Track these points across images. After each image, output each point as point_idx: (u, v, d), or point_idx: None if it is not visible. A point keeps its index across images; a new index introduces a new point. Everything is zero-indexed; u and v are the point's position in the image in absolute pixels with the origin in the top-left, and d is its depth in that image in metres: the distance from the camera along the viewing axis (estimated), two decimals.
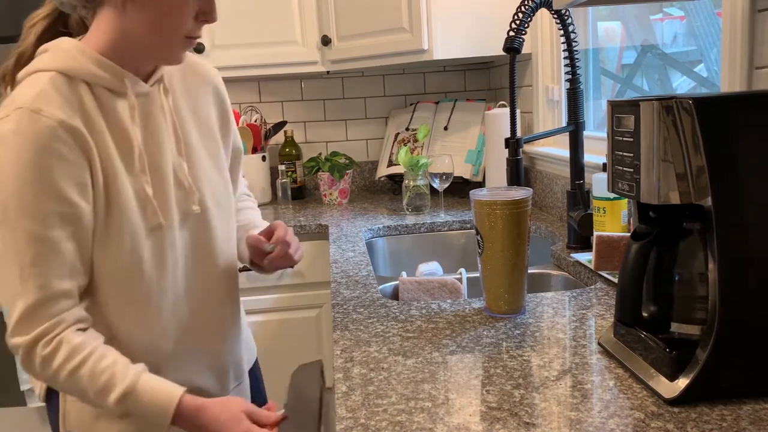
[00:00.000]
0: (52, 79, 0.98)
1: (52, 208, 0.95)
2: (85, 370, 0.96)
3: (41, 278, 0.95)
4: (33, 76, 0.99)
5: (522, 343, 1.04)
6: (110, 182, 1.00)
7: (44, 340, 0.96)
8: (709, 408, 0.80)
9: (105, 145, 1.00)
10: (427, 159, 2.26)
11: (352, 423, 0.82)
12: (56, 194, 0.95)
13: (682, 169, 0.82)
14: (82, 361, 0.96)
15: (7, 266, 0.96)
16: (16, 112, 0.95)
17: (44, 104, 0.95)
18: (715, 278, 0.81)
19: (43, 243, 0.95)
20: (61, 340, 0.96)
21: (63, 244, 0.96)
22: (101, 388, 0.96)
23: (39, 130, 0.94)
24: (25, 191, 0.94)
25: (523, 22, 1.47)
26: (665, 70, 1.82)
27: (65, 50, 1.01)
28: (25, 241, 0.94)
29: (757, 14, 1.12)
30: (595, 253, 1.37)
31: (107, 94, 1.02)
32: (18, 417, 2.17)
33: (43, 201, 0.95)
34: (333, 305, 1.30)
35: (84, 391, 0.97)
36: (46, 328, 0.96)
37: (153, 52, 1.05)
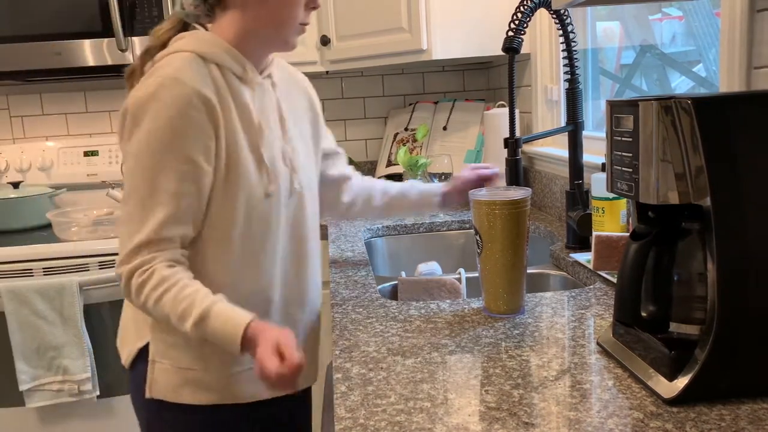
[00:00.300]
0: (189, 58, 1.13)
1: (178, 166, 1.09)
2: (169, 297, 1.08)
3: (157, 223, 1.09)
4: (172, 55, 1.14)
5: (521, 343, 1.04)
6: (231, 151, 1.14)
7: (140, 269, 1.10)
8: (708, 408, 0.80)
9: (231, 118, 1.14)
10: (426, 159, 2.26)
11: (351, 423, 0.82)
12: (184, 155, 1.09)
13: (681, 169, 0.82)
14: (167, 289, 1.08)
15: (133, 207, 1.10)
16: (156, 80, 1.09)
17: (183, 75, 1.09)
18: (714, 278, 0.81)
19: (165, 194, 1.09)
20: (153, 271, 1.09)
21: (182, 198, 1.10)
22: (181, 314, 1.08)
23: (176, 96, 1.08)
24: (157, 148, 1.08)
25: (522, 22, 1.47)
26: (664, 70, 1.82)
27: (200, 37, 1.17)
28: (151, 190, 1.09)
29: (755, 14, 1.12)
30: (594, 253, 1.37)
31: (233, 78, 1.17)
32: (17, 417, 2.17)
33: (171, 159, 1.09)
34: (332, 305, 1.30)
35: (167, 317, 1.09)
36: (144, 260, 1.10)
37: (272, 42, 1.20)
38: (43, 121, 2.82)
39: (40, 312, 2.06)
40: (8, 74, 2.39)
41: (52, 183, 2.68)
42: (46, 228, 2.40)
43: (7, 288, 2.05)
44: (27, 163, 2.68)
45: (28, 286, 2.05)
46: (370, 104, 2.91)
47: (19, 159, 2.68)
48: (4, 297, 2.05)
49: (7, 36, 2.35)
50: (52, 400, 2.11)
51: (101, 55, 2.38)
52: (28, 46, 2.35)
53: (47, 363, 2.09)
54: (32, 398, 2.11)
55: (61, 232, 2.25)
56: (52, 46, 2.36)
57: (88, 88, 2.81)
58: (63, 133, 2.83)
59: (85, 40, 2.37)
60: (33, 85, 2.77)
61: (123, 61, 2.38)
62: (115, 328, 2.23)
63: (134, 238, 1.10)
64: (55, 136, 2.82)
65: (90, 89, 2.82)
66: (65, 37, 2.36)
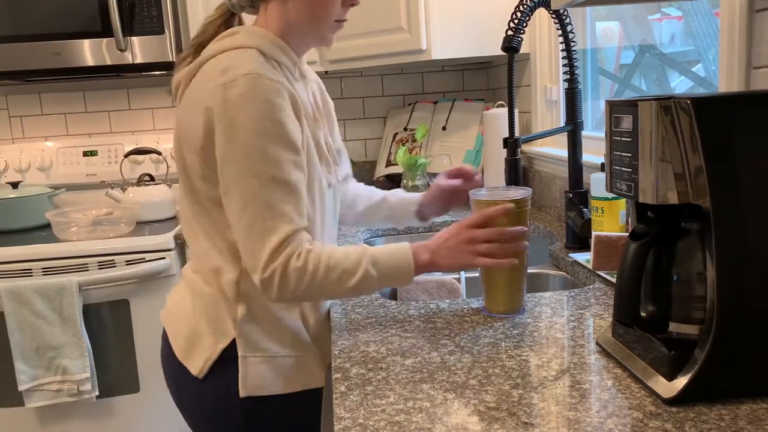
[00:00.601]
0: (255, 54, 1.14)
1: (287, 156, 1.10)
2: (334, 261, 1.11)
3: (288, 215, 1.10)
4: (239, 51, 1.14)
5: (520, 343, 1.04)
6: (307, 143, 1.17)
7: (293, 256, 1.09)
8: (708, 408, 0.80)
9: (298, 113, 1.15)
10: (426, 159, 2.26)
11: (350, 423, 0.82)
12: (288, 144, 1.10)
13: (681, 169, 0.82)
14: (329, 257, 1.11)
15: (256, 210, 1.08)
16: (244, 77, 1.08)
17: (261, 70, 1.10)
18: (714, 278, 0.81)
19: (285, 186, 1.09)
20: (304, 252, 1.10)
21: (298, 186, 1.11)
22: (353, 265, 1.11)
23: (268, 90, 1.08)
24: (263, 142, 1.07)
25: (522, 21, 1.47)
26: (663, 70, 1.82)
27: (255, 33, 1.18)
28: (271, 185, 1.08)
29: (755, 14, 1.12)
30: (594, 252, 1.37)
31: (289, 74, 1.19)
32: (16, 417, 2.17)
33: (280, 150, 1.09)
34: (331, 305, 1.30)
35: (340, 280, 1.11)
36: (292, 248, 1.10)
37: (311, 37, 1.22)
38: (42, 121, 2.81)
39: (40, 312, 2.06)
40: (7, 74, 2.39)
41: (51, 183, 2.68)
42: (46, 228, 2.40)
43: (7, 288, 2.05)
44: (26, 163, 2.68)
45: (27, 286, 2.05)
46: (370, 104, 2.91)
47: (18, 159, 2.68)
48: (3, 297, 2.05)
49: (6, 36, 2.35)
50: (51, 400, 2.11)
51: (100, 55, 2.38)
52: (27, 45, 2.35)
53: (46, 363, 2.09)
54: (31, 398, 2.11)
55: (60, 232, 2.25)
56: (52, 46, 2.36)
57: (88, 88, 2.81)
58: (62, 133, 2.83)
59: (85, 40, 2.37)
60: (32, 85, 2.76)
61: (122, 61, 2.38)
62: (114, 328, 2.24)
63: (271, 238, 1.08)
64: (54, 136, 2.82)
65: (89, 89, 2.82)
66: (64, 37, 2.36)
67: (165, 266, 2.15)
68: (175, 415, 2.31)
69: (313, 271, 1.09)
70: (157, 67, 2.44)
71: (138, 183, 2.49)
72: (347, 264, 1.11)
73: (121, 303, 2.16)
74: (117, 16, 2.31)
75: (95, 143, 2.74)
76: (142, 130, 2.85)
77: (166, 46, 2.39)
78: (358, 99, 2.90)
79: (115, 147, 2.73)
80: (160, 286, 2.17)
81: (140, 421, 2.22)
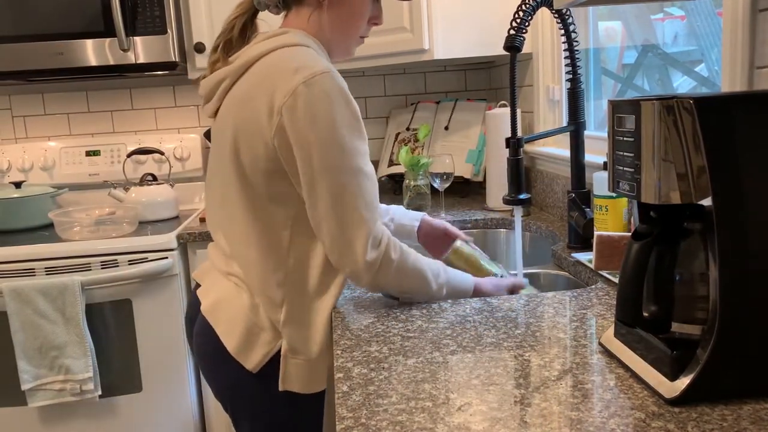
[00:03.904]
0: (314, 53, 1.19)
1: (365, 148, 1.17)
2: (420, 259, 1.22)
3: (376, 204, 1.18)
4: (298, 48, 1.20)
5: (522, 343, 1.04)
6: None
7: (391, 245, 1.18)
8: (710, 408, 0.80)
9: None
10: (428, 159, 2.26)
11: (352, 423, 0.82)
12: (364, 136, 1.18)
13: (683, 168, 0.82)
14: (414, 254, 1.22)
15: (348, 200, 1.15)
16: (322, 75, 1.14)
17: (332, 68, 1.16)
18: (716, 278, 0.81)
19: (370, 176, 1.17)
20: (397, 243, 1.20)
21: (374, 177, 1.19)
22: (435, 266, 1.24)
23: (342, 87, 1.15)
24: (348, 135, 1.14)
25: (524, 20, 1.47)
26: (666, 70, 1.82)
27: (303, 35, 1.23)
28: (359, 176, 1.15)
29: (758, 14, 1.12)
30: (596, 252, 1.37)
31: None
32: (19, 417, 2.17)
33: (361, 142, 1.16)
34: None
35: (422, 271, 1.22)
36: (386, 236, 1.18)
37: (338, 48, 1.28)
38: (45, 121, 2.82)
39: (43, 311, 2.06)
40: (10, 74, 2.40)
41: (54, 183, 2.69)
42: (48, 228, 2.40)
43: (10, 287, 2.05)
44: (29, 163, 2.69)
45: (30, 286, 2.06)
46: (372, 104, 2.91)
47: (22, 159, 2.69)
48: (6, 296, 2.05)
49: (9, 36, 2.36)
50: (53, 399, 2.11)
51: (103, 55, 2.38)
52: (30, 46, 2.36)
53: (49, 362, 2.09)
54: (34, 398, 2.11)
55: (63, 232, 2.25)
56: (54, 46, 2.36)
57: (90, 88, 2.82)
58: (65, 132, 2.83)
59: (87, 40, 2.37)
60: (35, 85, 2.77)
61: (125, 61, 2.38)
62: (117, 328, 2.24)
63: (369, 226, 1.15)
64: (57, 135, 2.83)
65: (92, 89, 2.82)
66: (67, 37, 2.37)
67: (168, 266, 2.15)
68: (178, 413, 2.32)
69: (402, 263, 1.19)
70: (160, 67, 2.44)
71: (141, 183, 2.49)
72: (431, 264, 1.23)
73: (123, 303, 2.17)
74: (120, 16, 2.32)
75: (98, 143, 2.74)
76: (144, 130, 2.85)
77: (168, 46, 2.39)
78: (360, 99, 2.90)
79: (118, 147, 2.73)
80: (163, 285, 2.17)
81: (143, 420, 2.22)
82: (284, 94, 1.13)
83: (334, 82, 1.14)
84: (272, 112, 1.14)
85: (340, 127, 1.13)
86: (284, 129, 1.14)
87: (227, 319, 1.28)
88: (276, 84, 1.14)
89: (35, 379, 2.09)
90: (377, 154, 2.92)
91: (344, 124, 1.13)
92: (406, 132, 2.71)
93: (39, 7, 2.35)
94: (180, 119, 2.86)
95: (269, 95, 1.15)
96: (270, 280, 1.23)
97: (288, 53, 1.17)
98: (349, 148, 1.14)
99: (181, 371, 2.22)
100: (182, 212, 2.59)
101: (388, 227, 1.55)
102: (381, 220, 1.20)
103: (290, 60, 1.16)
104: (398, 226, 1.56)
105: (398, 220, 1.56)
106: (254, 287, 1.25)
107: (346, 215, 1.14)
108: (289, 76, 1.13)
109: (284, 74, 1.14)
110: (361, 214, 1.15)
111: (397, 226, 1.56)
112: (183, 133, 2.83)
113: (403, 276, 1.21)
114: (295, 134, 1.14)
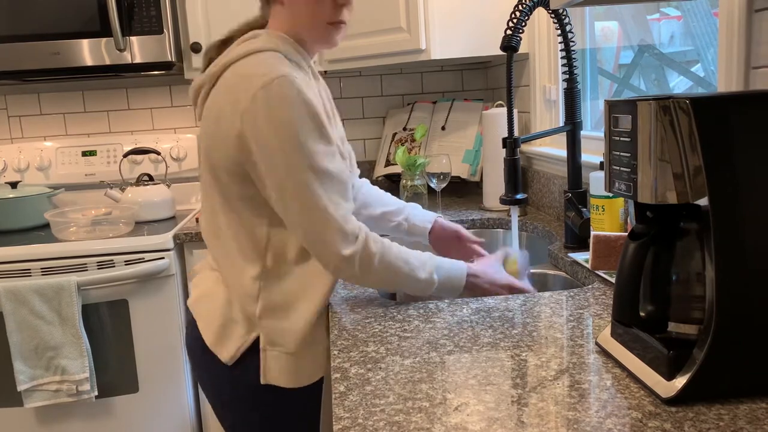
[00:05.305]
0: (279, 56, 1.20)
1: (328, 148, 1.18)
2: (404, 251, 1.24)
3: (344, 201, 1.18)
4: (264, 53, 1.20)
5: (519, 343, 1.04)
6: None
7: (370, 239, 1.20)
8: (707, 407, 0.80)
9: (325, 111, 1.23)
10: (425, 159, 2.26)
11: (349, 423, 0.82)
12: (327, 137, 1.18)
13: (680, 168, 0.82)
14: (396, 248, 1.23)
15: (314, 201, 1.16)
16: (279, 79, 1.14)
17: (293, 72, 1.17)
18: (713, 278, 0.81)
19: (334, 175, 1.17)
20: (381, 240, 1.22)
21: (343, 176, 1.20)
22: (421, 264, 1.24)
23: (300, 89, 1.15)
24: (307, 137, 1.15)
25: (521, 20, 1.47)
26: (662, 70, 1.82)
27: (276, 36, 1.24)
28: (323, 176, 1.16)
29: (753, 14, 1.12)
30: (593, 252, 1.37)
31: (303, 73, 1.25)
32: (15, 417, 2.17)
33: (322, 143, 1.17)
34: (330, 305, 1.30)
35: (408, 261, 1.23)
36: (367, 233, 1.20)
37: (313, 39, 1.26)
38: (41, 121, 2.81)
39: (39, 312, 2.06)
40: (6, 74, 2.39)
41: (50, 183, 2.68)
42: (44, 228, 2.39)
43: (6, 288, 2.05)
44: (25, 163, 2.68)
45: (26, 286, 2.05)
46: (369, 104, 2.91)
47: (17, 159, 2.68)
48: (2, 297, 2.05)
49: (4, 36, 2.35)
50: (50, 400, 2.11)
51: (99, 54, 2.38)
52: (25, 45, 2.35)
53: (45, 363, 2.08)
54: (30, 398, 2.10)
55: (59, 232, 2.25)
56: (50, 45, 2.36)
57: (86, 87, 2.81)
58: (61, 132, 2.82)
59: (83, 40, 2.37)
60: (31, 84, 2.76)
61: (121, 60, 2.38)
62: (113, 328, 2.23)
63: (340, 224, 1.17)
64: (53, 136, 2.82)
65: (88, 89, 2.82)
66: (63, 37, 2.36)
67: (164, 266, 2.15)
68: (174, 414, 2.31)
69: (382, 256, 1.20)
70: (156, 67, 2.44)
71: (137, 183, 2.48)
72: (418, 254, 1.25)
73: (120, 303, 2.16)
74: (116, 15, 2.31)
75: (94, 143, 2.74)
76: (141, 130, 2.84)
77: (164, 45, 2.38)
78: (357, 99, 2.90)
79: (114, 147, 2.73)
80: (159, 286, 2.17)
81: (139, 421, 2.22)
82: (244, 101, 1.15)
83: (291, 85, 1.14)
84: (235, 119, 1.17)
85: (300, 129, 1.14)
86: (246, 135, 1.16)
87: (207, 313, 1.32)
88: (239, 92, 1.17)
89: (31, 379, 2.09)
90: (374, 155, 2.92)
91: (303, 126, 1.14)
92: (402, 132, 2.71)
93: (35, 6, 2.34)
94: (176, 119, 2.86)
95: (233, 103, 1.17)
96: (246, 274, 1.26)
97: (252, 60, 1.19)
98: (310, 150, 1.15)
99: (178, 372, 2.22)
100: (179, 212, 2.59)
101: (402, 226, 1.56)
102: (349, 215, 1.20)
103: (253, 66, 1.18)
104: (411, 227, 1.57)
105: (411, 220, 1.57)
106: (230, 282, 1.29)
107: (314, 216, 1.16)
108: (249, 83, 1.15)
109: (245, 82, 1.16)
110: (329, 214, 1.16)
111: (410, 226, 1.57)
112: (179, 133, 2.82)
113: (388, 267, 1.22)
114: (255, 140, 1.16)
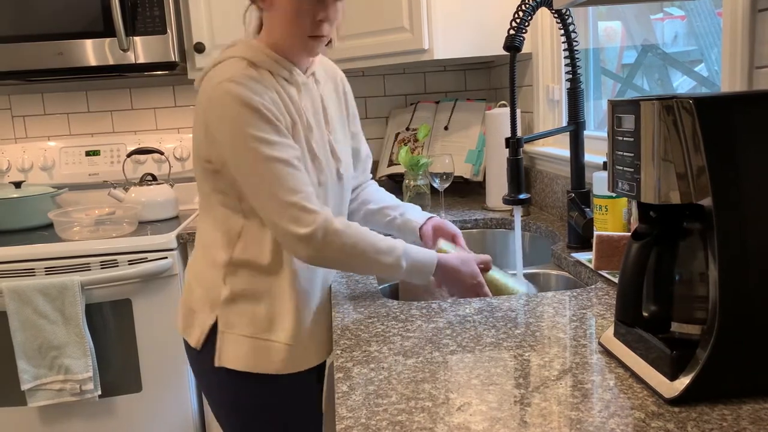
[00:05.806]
0: (245, 64, 1.27)
1: (277, 138, 1.23)
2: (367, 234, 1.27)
3: (299, 186, 1.23)
4: (230, 60, 1.28)
5: (522, 343, 1.04)
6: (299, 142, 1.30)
7: (335, 220, 1.24)
8: (710, 407, 0.80)
9: (289, 113, 1.29)
10: (428, 159, 2.26)
11: (352, 422, 0.82)
12: (276, 126, 1.24)
13: (683, 168, 0.82)
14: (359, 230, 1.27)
15: (266, 191, 1.22)
16: (227, 81, 1.23)
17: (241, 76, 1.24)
18: (716, 278, 0.81)
19: (288, 163, 1.23)
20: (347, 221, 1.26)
21: (294, 162, 1.24)
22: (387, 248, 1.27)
23: (245, 86, 1.22)
24: (254, 129, 1.21)
25: (524, 20, 1.47)
26: (666, 70, 1.82)
27: (250, 45, 1.31)
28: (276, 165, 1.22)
29: (757, 14, 1.12)
30: (596, 252, 1.37)
31: (282, 81, 1.31)
32: (19, 417, 2.17)
33: (270, 133, 1.22)
34: (333, 305, 1.31)
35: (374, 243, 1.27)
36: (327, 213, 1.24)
37: (290, 49, 1.31)
38: (45, 121, 2.82)
39: (42, 311, 2.06)
40: (10, 74, 2.40)
41: (54, 183, 2.69)
42: (48, 228, 2.40)
43: (9, 287, 2.05)
44: (29, 163, 2.69)
45: (30, 286, 2.06)
46: (372, 104, 2.91)
47: (21, 159, 2.69)
48: (6, 296, 2.05)
49: (9, 36, 2.36)
50: (53, 399, 2.11)
51: (103, 54, 2.38)
52: (29, 46, 2.36)
53: (49, 362, 2.09)
54: (34, 398, 2.11)
55: (62, 232, 2.25)
56: (54, 46, 2.36)
57: (90, 87, 2.82)
58: (65, 132, 2.83)
59: (87, 40, 2.37)
60: (35, 84, 2.77)
61: (124, 60, 2.38)
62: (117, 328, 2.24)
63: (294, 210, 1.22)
64: (57, 135, 2.82)
65: (92, 89, 2.82)
66: (67, 37, 2.36)
67: (167, 266, 2.15)
68: (178, 413, 2.32)
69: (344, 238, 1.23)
70: (160, 67, 2.44)
71: (140, 183, 2.49)
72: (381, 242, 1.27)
73: (123, 302, 2.17)
74: (119, 16, 2.32)
75: (98, 143, 2.74)
76: (144, 130, 2.85)
77: (168, 45, 2.39)
78: (360, 99, 2.90)
79: (118, 147, 2.73)
80: (163, 285, 2.17)
81: (142, 420, 2.22)
82: (205, 101, 1.26)
83: (237, 85, 1.22)
84: (201, 117, 1.28)
85: (244, 124, 1.22)
86: (210, 132, 1.26)
87: (183, 301, 1.44)
88: (203, 94, 1.28)
89: (35, 379, 2.09)
90: (377, 154, 2.92)
91: (247, 121, 1.22)
92: (405, 132, 2.71)
93: (39, 7, 2.35)
94: (180, 119, 2.86)
95: (200, 104, 1.28)
96: (218, 260, 1.34)
97: (220, 66, 1.28)
98: (255, 142, 1.21)
99: (181, 371, 2.22)
100: (182, 212, 2.59)
101: (396, 221, 1.56)
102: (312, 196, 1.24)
103: (218, 71, 1.27)
104: (404, 221, 1.57)
105: (405, 216, 1.57)
106: (198, 269, 1.39)
107: (269, 203, 1.23)
108: (209, 85, 1.26)
109: (207, 84, 1.27)
110: (282, 200, 1.22)
111: (403, 221, 1.57)
112: (183, 133, 2.83)
113: (352, 248, 1.25)
114: (214, 135, 1.25)
